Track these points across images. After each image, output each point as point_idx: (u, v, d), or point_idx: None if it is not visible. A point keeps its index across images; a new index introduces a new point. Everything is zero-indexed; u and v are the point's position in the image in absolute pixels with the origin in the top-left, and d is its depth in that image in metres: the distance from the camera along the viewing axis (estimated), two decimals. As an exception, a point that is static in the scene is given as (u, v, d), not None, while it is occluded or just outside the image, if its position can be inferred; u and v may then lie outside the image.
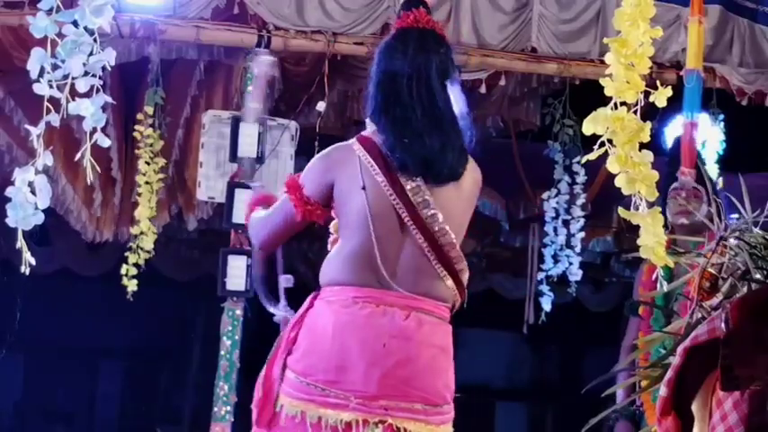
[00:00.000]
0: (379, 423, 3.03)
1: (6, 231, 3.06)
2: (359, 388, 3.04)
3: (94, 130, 2.35)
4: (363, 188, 3.13)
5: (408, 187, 3.13)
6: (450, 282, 3.15)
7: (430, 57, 3.23)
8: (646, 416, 4.28)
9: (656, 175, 2.94)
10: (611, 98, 2.97)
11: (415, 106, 3.18)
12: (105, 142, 2.36)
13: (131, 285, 7.14)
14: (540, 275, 8.08)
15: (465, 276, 3.19)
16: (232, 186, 6.46)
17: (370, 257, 3.11)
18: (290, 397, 3.10)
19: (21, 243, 2.44)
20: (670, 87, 3.07)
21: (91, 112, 2.32)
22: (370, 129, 3.25)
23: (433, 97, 3.20)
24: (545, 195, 7.94)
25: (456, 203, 3.19)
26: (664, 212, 4.58)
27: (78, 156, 2.42)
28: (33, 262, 2.58)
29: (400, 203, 3.11)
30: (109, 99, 2.41)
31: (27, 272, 2.56)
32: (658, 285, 3.80)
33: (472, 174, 3.25)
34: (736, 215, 2.55)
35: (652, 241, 2.88)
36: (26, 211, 2.42)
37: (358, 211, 3.14)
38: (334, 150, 3.26)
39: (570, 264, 7.96)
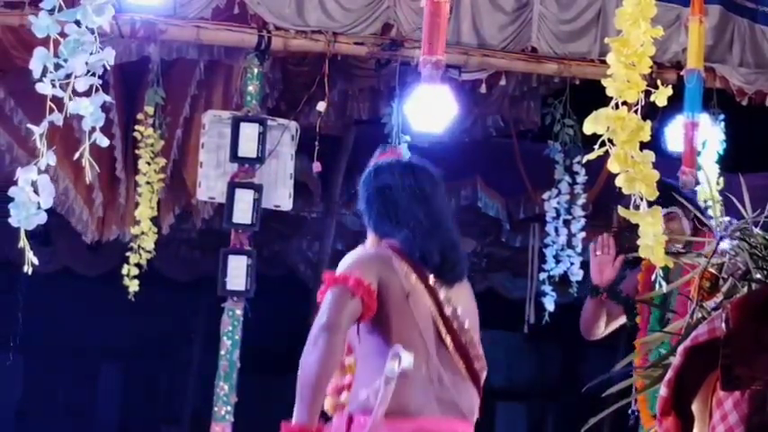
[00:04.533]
0: None
1: (7, 231, 3.06)
2: None
3: (93, 129, 2.35)
4: (407, 297, 3.06)
5: (433, 285, 3.11)
6: (476, 397, 3.14)
7: (417, 173, 3.31)
8: (641, 417, 4.27)
9: (656, 174, 2.94)
10: (611, 98, 2.97)
11: (417, 210, 3.21)
12: (104, 142, 2.36)
13: (133, 285, 7.14)
14: (543, 275, 8.08)
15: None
16: (232, 186, 6.46)
17: (426, 378, 3.04)
18: None
19: (24, 242, 2.44)
20: (671, 87, 3.07)
21: (90, 111, 2.32)
22: (375, 243, 3.24)
23: (428, 200, 3.26)
24: (546, 195, 7.93)
25: (470, 302, 3.22)
26: None
27: (77, 155, 2.42)
28: (36, 261, 2.59)
29: (435, 310, 3.08)
30: (108, 98, 2.41)
31: (30, 271, 2.56)
32: (656, 285, 3.79)
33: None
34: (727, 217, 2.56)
35: (652, 241, 2.88)
36: (29, 210, 2.42)
37: (410, 325, 3.05)
38: (376, 255, 3.16)
39: (571, 264, 7.96)
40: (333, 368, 2.97)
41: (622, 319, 4.53)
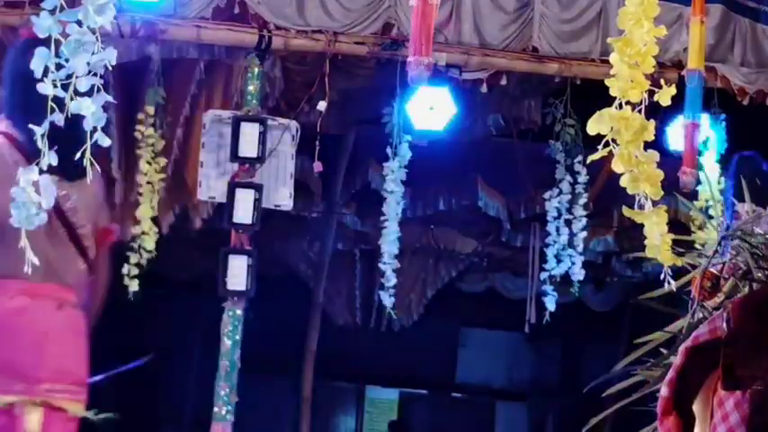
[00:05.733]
0: (41, 404, 3.42)
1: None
2: (21, 373, 3.37)
3: (95, 129, 2.36)
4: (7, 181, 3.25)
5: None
6: (83, 266, 3.52)
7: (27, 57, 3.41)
8: None
9: (660, 173, 2.93)
10: (613, 97, 2.96)
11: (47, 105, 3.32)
12: (105, 141, 2.36)
13: (133, 285, 7.14)
14: (543, 275, 8.08)
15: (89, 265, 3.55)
16: (233, 186, 6.46)
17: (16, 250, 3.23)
18: None
19: (24, 243, 2.45)
20: (674, 86, 3.06)
21: (92, 110, 2.32)
22: (2, 125, 3.46)
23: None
24: (547, 195, 7.94)
25: (89, 198, 3.50)
26: None
27: (78, 155, 2.43)
28: (37, 262, 2.60)
29: None
30: (110, 98, 2.42)
31: (30, 272, 2.58)
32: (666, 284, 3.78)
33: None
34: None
35: (658, 240, 2.86)
36: (29, 210, 2.43)
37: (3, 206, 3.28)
38: None
39: (573, 263, 7.96)
40: None
41: None
